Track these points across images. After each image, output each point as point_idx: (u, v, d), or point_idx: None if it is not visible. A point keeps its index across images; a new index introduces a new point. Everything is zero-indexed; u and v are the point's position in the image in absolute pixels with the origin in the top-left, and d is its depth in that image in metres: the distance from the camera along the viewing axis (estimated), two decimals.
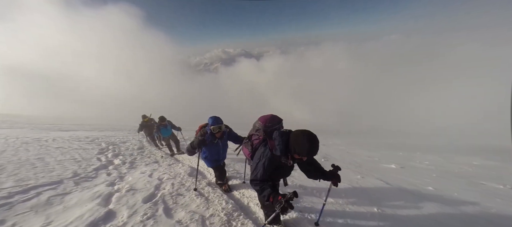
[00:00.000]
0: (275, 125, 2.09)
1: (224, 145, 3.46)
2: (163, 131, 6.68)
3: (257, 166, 1.91)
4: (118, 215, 2.50)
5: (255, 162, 1.95)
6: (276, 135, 1.84)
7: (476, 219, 2.54)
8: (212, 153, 3.36)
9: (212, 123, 3.10)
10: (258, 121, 2.18)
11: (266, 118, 2.15)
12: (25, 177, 3.38)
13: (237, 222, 2.43)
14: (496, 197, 3.27)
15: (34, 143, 5.87)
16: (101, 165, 4.49)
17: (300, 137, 1.70)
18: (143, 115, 8.11)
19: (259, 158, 1.92)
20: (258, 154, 1.97)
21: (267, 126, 2.07)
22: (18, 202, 2.62)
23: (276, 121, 2.12)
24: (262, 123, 2.11)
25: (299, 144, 1.69)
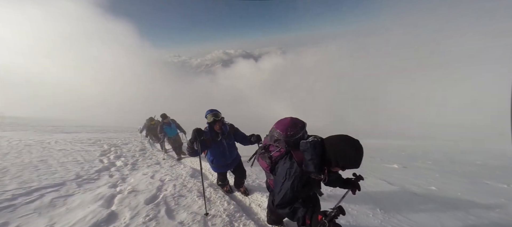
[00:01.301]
0: (298, 132, 1.61)
1: (230, 145, 3.00)
2: (168, 130, 6.20)
3: (282, 187, 1.50)
4: (120, 217, 2.51)
5: (279, 182, 1.54)
6: (307, 147, 1.41)
7: (479, 219, 2.52)
8: (218, 156, 2.94)
9: (207, 113, 2.77)
10: (275, 130, 1.69)
11: (286, 124, 1.65)
12: (28, 179, 3.40)
13: (239, 222, 2.44)
14: (500, 197, 3.24)
15: (37, 145, 5.91)
16: (103, 166, 4.51)
17: (342, 146, 1.34)
18: (150, 117, 7.74)
19: (284, 176, 1.50)
20: (282, 172, 1.53)
21: (288, 135, 1.60)
22: (21, 204, 2.64)
23: (299, 127, 1.63)
24: (282, 133, 1.62)
25: (342, 154, 1.33)
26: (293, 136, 1.60)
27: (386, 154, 6.92)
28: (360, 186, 1.72)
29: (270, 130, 1.78)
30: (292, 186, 1.47)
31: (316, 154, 1.38)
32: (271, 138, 1.75)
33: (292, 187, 1.46)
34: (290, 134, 1.60)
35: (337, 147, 1.35)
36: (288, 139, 1.61)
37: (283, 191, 1.49)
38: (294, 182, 1.47)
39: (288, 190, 1.47)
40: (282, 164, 1.58)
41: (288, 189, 1.47)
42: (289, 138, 1.60)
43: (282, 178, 1.52)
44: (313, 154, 1.38)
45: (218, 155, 2.94)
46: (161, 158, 5.90)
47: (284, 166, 1.55)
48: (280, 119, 1.75)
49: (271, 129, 1.77)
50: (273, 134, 1.72)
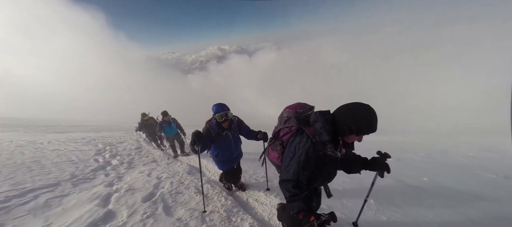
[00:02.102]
0: (307, 111, 1.61)
1: (236, 138, 2.88)
2: (167, 129, 5.94)
3: (290, 162, 1.41)
4: (117, 215, 2.51)
5: (287, 157, 1.45)
6: (317, 117, 1.36)
7: (469, 208, 2.61)
8: (223, 150, 2.80)
9: (216, 110, 2.57)
10: (285, 111, 1.68)
11: (294, 104, 1.68)
12: (22, 181, 3.34)
13: (236, 217, 2.46)
14: (490, 187, 3.35)
15: (29, 146, 5.80)
16: (98, 166, 4.47)
17: (352, 108, 1.28)
18: (143, 113, 7.30)
19: (293, 151, 1.42)
20: (291, 147, 1.45)
21: (298, 112, 1.60)
22: (15, 206, 2.60)
23: (308, 107, 1.64)
24: (291, 110, 1.63)
25: (354, 116, 1.25)
26: (303, 113, 1.60)
27: (379, 148, 7.04)
28: (389, 167, 1.56)
29: (279, 116, 1.76)
30: (299, 160, 1.37)
31: (326, 121, 1.32)
32: (281, 122, 1.72)
33: (299, 161, 1.37)
34: (300, 111, 1.61)
35: (347, 112, 1.29)
36: (298, 115, 1.59)
37: (289, 167, 1.40)
38: (301, 156, 1.37)
39: (295, 164, 1.37)
40: (291, 141, 1.49)
41: (294, 163, 1.38)
42: (300, 114, 1.60)
43: (291, 153, 1.44)
44: (323, 121, 1.33)
45: (223, 149, 2.80)
46: (158, 155, 5.87)
47: (293, 142, 1.47)
48: (287, 106, 1.75)
49: (280, 114, 1.75)
50: (282, 115, 1.71)
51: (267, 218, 2.52)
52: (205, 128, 2.66)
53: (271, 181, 3.29)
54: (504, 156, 5.47)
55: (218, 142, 2.73)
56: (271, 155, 1.74)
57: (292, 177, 1.37)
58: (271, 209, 2.66)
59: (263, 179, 3.46)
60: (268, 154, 1.82)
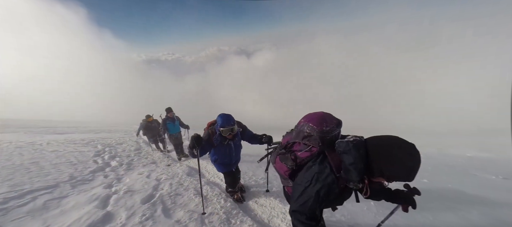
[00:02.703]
0: (334, 129, 1.29)
1: (237, 146, 2.86)
2: (171, 126, 5.75)
3: (305, 193, 1.21)
4: (116, 217, 2.49)
5: (301, 185, 1.25)
6: (349, 148, 1.10)
7: (468, 209, 2.61)
8: (222, 156, 2.79)
9: (222, 123, 2.48)
10: (306, 124, 1.35)
11: (320, 118, 1.33)
12: (20, 182, 3.33)
13: (236, 219, 2.45)
14: (489, 187, 3.35)
15: (28, 147, 5.78)
16: (97, 167, 4.45)
17: (393, 151, 1.03)
18: (147, 115, 6.92)
19: (310, 181, 1.20)
20: (308, 175, 1.23)
21: (324, 131, 1.27)
22: (13, 208, 2.58)
23: (335, 123, 1.31)
24: (316, 127, 1.29)
25: (392, 161, 1.02)
26: (329, 132, 1.27)
27: None
28: (415, 202, 1.41)
29: (298, 125, 1.45)
30: (318, 195, 1.16)
31: (360, 158, 1.08)
32: (298, 135, 1.40)
33: (318, 195, 1.16)
34: (326, 129, 1.27)
35: (386, 152, 1.05)
36: (323, 135, 1.27)
37: (304, 197, 1.21)
38: (321, 190, 1.16)
39: (312, 198, 1.18)
40: (309, 166, 1.26)
41: (311, 196, 1.18)
42: (325, 134, 1.27)
43: (306, 182, 1.22)
44: (356, 157, 1.07)
45: (222, 155, 2.79)
46: (157, 157, 5.85)
47: (311, 169, 1.24)
48: (309, 113, 1.43)
49: (299, 124, 1.44)
50: (302, 129, 1.37)
51: (266, 220, 2.51)
52: (207, 133, 2.60)
53: (270, 183, 3.28)
54: (503, 157, 5.48)
55: (218, 148, 2.70)
56: (278, 165, 1.52)
57: (307, 211, 1.21)
58: (270, 211, 2.65)
59: (263, 181, 3.45)
60: (273, 161, 1.59)
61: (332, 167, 1.17)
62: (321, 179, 1.18)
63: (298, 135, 1.40)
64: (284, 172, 1.47)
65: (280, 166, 1.50)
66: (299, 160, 1.34)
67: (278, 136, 2.40)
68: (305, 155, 1.32)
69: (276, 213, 2.58)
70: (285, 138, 1.61)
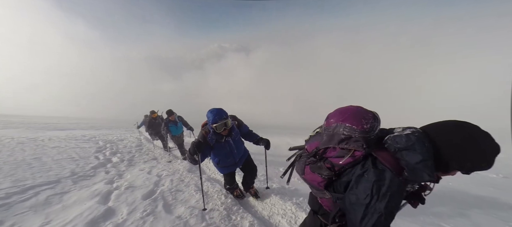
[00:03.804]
0: (375, 126, 1.07)
1: (237, 142, 2.62)
2: (173, 128, 5.54)
3: (369, 211, 0.94)
4: (117, 212, 2.51)
5: (360, 204, 0.97)
6: (411, 142, 0.91)
7: (469, 207, 2.61)
8: (224, 157, 2.56)
9: (214, 119, 2.25)
10: (342, 124, 1.10)
11: (355, 115, 1.10)
12: (22, 177, 3.35)
13: (236, 216, 2.46)
14: (489, 186, 3.35)
15: (30, 143, 5.81)
16: (99, 163, 4.48)
17: (469, 136, 0.87)
18: (152, 110, 6.73)
19: (371, 194, 0.93)
20: (365, 187, 0.96)
21: (367, 130, 1.04)
22: (16, 203, 2.61)
23: (372, 117, 1.09)
24: (356, 126, 1.06)
25: (474, 149, 0.86)
26: (372, 130, 1.05)
27: None
28: (424, 198, 1.25)
29: (328, 126, 1.18)
30: (389, 208, 0.91)
31: (428, 152, 0.89)
32: (331, 139, 1.15)
33: (389, 209, 0.91)
34: (368, 127, 1.04)
35: (462, 139, 0.87)
36: (367, 136, 1.04)
37: (371, 218, 0.93)
38: (391, 202, 0.91)
39: (382, 216, 0.91)
40: (360, 176, 1.00)
41: (381, 213, 0.91)
42: (369, 133, 1.04)
43: (365, 197, 0.95)
44: (424, 152, 0.88)
45: (223, 156, 2.56)
46: (158, 153, 5.88)
47: (365, 178, 0.98)
48: (338, 110, 1.19)
49: (328, 125, 1.18)
50: (336, 131, 1.12)
51: (267, 216, 2.53)
52: (200, 135, 2.42)
53: (271, 179, 3.29)
54: (503, 156, 5.47)
55: (217, 149, 2.49)
56: (309, 176, 1.27)
57: None
58: (271, 207, 2.66)
59: (263, 178, 3.46)
60: (301, 172, 1.33)
61: (390, 169, 0.94)
62: (385, 188, 0.92)
63: (331, 139, 1.15)
64: (317, 183, 1.22)
65: (312, 178, 1.25)
66: (338, 168, 1.10)
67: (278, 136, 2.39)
68: (346, 162, 1.07)
69: (277, 209, 2.59)
70: (311, 143, 1.32)
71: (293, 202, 2.65)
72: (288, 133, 9.66)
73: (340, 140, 1.10)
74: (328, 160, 1.16)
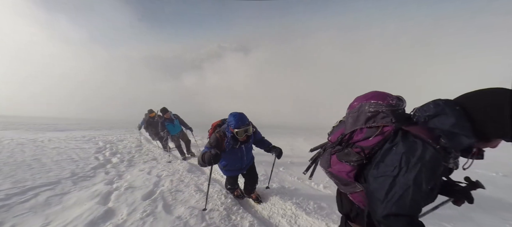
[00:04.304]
0: (400, 104, 1.03)
1: (248, 149, 2.58)
2: (170, 127, 5.37)
3: (395, 184, 0.85)
4: (117, 213, 2.51)
5: (387, 176, 0.89)
6: (440, 107, 0.85)
7: (470, 206, 2.61)
8: (233, 162, 2.51)
9: (236, 124, 2.16)
10: (367, 102, 1.06)
11: (378, 94, 1.08)
12: (22, 179, 3.35)
13: (236, 216, 2.47)
14: (489, 184, 3.35)
15: (30, 144, 5.81)
16: (99, 164, 4.48)
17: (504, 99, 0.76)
18: (150, 109, 6.64)
19: (399, 165, 0.86)
20: (392, 159, 0.89)
21: (393, 104, 1.00)
22: (16, 204, 2.61)
23: (396, 97, 1.05)
24: (381, 101, 1.02)
25: None
26: (398, 106, 1.01)
27: None
28: (473, 198, 1.20)
29: (351, 110, 1.13)
30: (418, 181, 0.81)
31: (460, 115, 0.81)
32: (357, 120, 1.07)
33: (418, 182, 0.81)
34: (394, 102, 1.00)
35: (497, 98, 0.77)
36: (395, 109, 0.99)
37: (398, 190, 0.84)
38: (421, 173, 0.81)
39: (410, 188, 0.82)
40: (388, 149, 0.92)
41: (409, 186, 0.82)
42: (395, 107, 1.00)
43: (393, 169, 0.87)
44: (456, 114, 0.81)
45: (233, 161, 2.51)
46: (158, 153, 5.87)
47: (394, 151, 0.90)
48: (359, 96, 1.14)
49: (352, 109, 1.13)
50: (362, 110, 1.06)
51: (267, 216, 2.53)
52: (214, 139, 2.27)
53: (271, 179, 3.29)
54: (504, 155, 5.47)
55: (229, 153, 2.41)
56: (336, 167, 1.16)
57: (408, 209, 0.83)
58: (271, 207, 2.66)
59: (264, 178, 3.46)
60: (326, 165, 1.23)
61: (425, 139, 0.85)
62: (415, 159, 0.83)
63: (357, 120, 1.07)
64: (346, 174, 1.11)
65: (339, 168, 1.14)
66: (368, 150, 1.00)
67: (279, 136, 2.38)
68: (376, 141, 0.98)
69: (277, 209, 2.59)
70: (334, 133, 1.25)
71: (293, 202, 2.66)
72: (288, 133, 9.65)
73: (367, 118, 1.03)
74: (355, 145, 1.07)
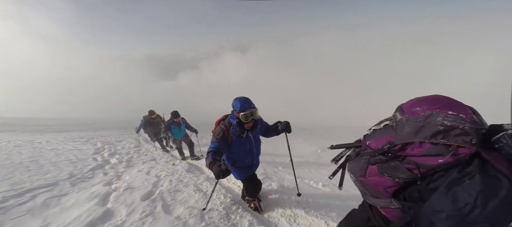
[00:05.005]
0: (482, 120, 0.81)
1: (257, 140, 2.37)
2: (176, 131, 5.29)
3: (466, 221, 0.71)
4: (116, 214, 2.50)
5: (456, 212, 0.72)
6: None
7: None
8: (242, 156, 2.29)
9: (241, 107, 2.01)
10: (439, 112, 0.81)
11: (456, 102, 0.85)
12: (19, 181, 3.33)
13: (235, 215, 2.46)
14: None
15: (27, 146, 5.77)
16: (97, 165, 4.46)
17: None
18: (151, 110, 6.64)
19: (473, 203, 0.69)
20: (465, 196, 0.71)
21: (477, 122, 0.77)
22: (13, 206, 2.59)
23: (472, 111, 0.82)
24: (464, 115, 0.78)
25: None
26: (482, 125, 0.79)
27: None
28: None
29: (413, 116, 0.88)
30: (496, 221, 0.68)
31: None
32: (419, 131, 0.85)
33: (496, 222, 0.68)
34: (477, 119, 0.78)
35: None
36: (480, 129, 0.77)
37: None
38: (501, 213, 0.68)
39: None
40: (456, 180, 0.77)
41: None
42: (480, 126, 0.77)
43: (464, 206, 0.71)
44: None
45: (242, 155, 2.28)
46: (157, 153, 5.85)
47: (468, 185, 0.73)
48: (420, 99, 0.91)
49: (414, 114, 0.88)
50: (431, 121, 0.82)
51: (266, 215, 2.52)
52: (219, 130, 2.12)
53: (269, 178, 3.29)
54: None
55: (235, 146, 2.19)
56: (374, 178, 1.00)
57: None
58: (270, 206, 2.66)
59: (262, 176, 3.46)
60: (361, 173, 1.05)
61: (509, 176, 0.70)
62: (498, 200, 0.68)
63: (420, 132, 0.85)
64: (384, 189, 0.98)
65: (377, 181, 1.00)
66: (427, 170, 0.83)
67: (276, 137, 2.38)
68: (445, 161, 0.79)
69: (276, 208, 2.59)
70: (376, 139, 1.03)
71: (292, 200, 2.66)
72: None
73: (436, 132, 0.81)
74: (407, 159, 0.89)
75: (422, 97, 0.93)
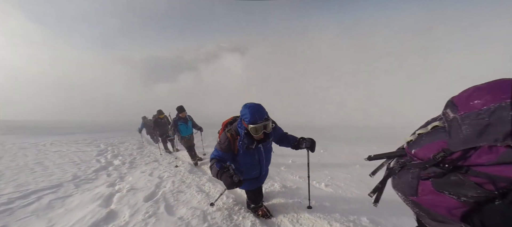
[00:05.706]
0: None
1: (268, 150, 2.11)
2: (183, 128, 4.92)
3: None
4: (120, 215, 2.52)
5: None
6: None
7: None
8: (250, 168, 2.05)
9: (252, 118, 1.71)
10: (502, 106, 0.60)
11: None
12: (25, 182, 3.37)
13: (238, 215, 2.46)
14: None
15: (32, 148, 5.85)
16: (100, 166, 4.50)
17: None
18: (159, 110, 6.47)
19: None
20: None
21: None
22: (19, 208, 2.62)
23: None
24: None
25: None
26: None
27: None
28: None
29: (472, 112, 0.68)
30: None
31: None
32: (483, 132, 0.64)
33: None
34: None
35: None
36: None
37: None
38: None
39: None
40: None
41: None
42: None
43: None
44: None
45: (249, 166, 2.03)
46: (159, 154, 5.88)
47: None
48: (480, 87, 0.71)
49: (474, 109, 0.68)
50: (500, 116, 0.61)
51: None
52: (225, 138, 1.90)
53: (272, 178, 3.29)
54: None
55: (243, 157, 1.94)
56: (428, 198, 0.81)
57: None
58: (273, 206, 2.66)
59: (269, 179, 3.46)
60: (412, 191, 0.86)
61: None
62: None
63: (485, 132, 0.64)
64: (448, 211, 0.76)
65: (436, 201, 0.78)
66: (505, 183, 0.63)
67: None
68: None
69: (279, 208, 2.58)
70: (424, 146, 0.82)
71: (294, 201, 2.65)
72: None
73: (506, 134, 0.60)
74: (473, 170, 0.67)
75: (481, 84, 0.70)
